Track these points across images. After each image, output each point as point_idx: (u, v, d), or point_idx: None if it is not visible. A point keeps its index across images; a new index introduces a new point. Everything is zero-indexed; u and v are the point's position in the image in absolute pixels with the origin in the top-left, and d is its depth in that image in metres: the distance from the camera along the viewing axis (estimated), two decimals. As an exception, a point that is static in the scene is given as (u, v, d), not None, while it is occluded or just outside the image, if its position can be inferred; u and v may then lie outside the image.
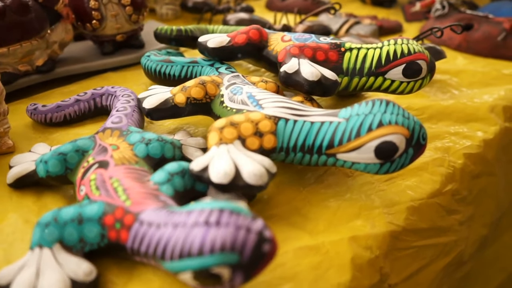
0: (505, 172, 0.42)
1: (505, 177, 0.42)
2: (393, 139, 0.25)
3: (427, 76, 0.36)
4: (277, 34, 0.41)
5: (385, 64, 0.35)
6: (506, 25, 0.57)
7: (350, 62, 0.36)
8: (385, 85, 0.36)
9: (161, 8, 0.71)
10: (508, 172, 0.43)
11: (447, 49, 0.59)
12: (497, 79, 0.50)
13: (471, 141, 0.38)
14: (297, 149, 0.28)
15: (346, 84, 0.37)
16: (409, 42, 0.36)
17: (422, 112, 0.41)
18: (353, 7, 0.79)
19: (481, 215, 0.39)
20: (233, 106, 0.32)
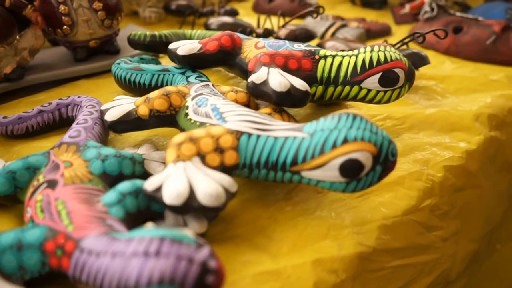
0: (494, 183, 0.41)
1: (494, 188, 0.41)
2: (358, 157, 0.24)
3: (405, 85, 0.34)
4: (251, 41, 0.40)
5: (360, 73, 0.34)
6: (496, 28, 0.55)
7: (324, 70, 0.35)
8: (361, 95, 0.35)
9: (144, 11, 0.70)
10: (497, 183, 0.42)
11: (435, 53, 0.58)
12: (484, 85, 0.48)
13: (452, 153, 0.36)
14: (261, 166, 0.27)
15: (321, 93, 0.36)
16: (386, 49, 0.34)
17: (403, 122, 0.40)
18: (343, 8, 0.77)
19: (469, 230, 0.38)
20: (197, 119, 0.31)
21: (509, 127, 0.44)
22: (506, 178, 0.43)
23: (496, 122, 0.42)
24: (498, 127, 0.42)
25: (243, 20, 0.59)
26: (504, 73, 0.51)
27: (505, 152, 0.43)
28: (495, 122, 0.42)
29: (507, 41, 0.55)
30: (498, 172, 0.42)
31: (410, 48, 0.46)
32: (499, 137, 0.42)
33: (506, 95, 0.46)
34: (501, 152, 0.42)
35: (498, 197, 0.42)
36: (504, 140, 0.42)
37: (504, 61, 0.54)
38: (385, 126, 0.39)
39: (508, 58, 0.54)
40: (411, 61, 0.44)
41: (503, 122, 0.43)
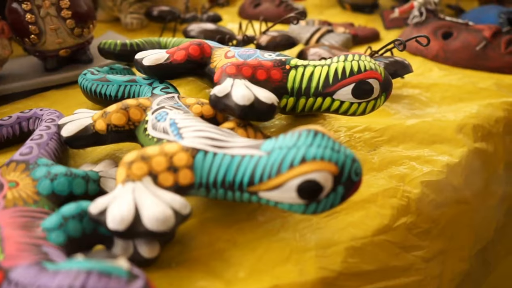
0: (483, 198, 0.40)
1: (483, 203, 0.40)
2: (316, 177, 0.23)
3: (380, 96, 0.33)
4: (222, 50, 0.39)
5: (332, 84, 0.33)
6: (486, 33, 0.54)
7: (295, 81, 0.34)
8: (335, 107, 0.34)
9: (125, 17, 0.69)
10: (487, 198, 0.40)
11: (423, 60, 0.57)
12: (471, 93, 0.47)
13: (432, 167, 0.35)
14: (218, 186, 0.26)
15: (292, 105, 0.35)
16: (361, 58, 0.33)
17: (381, 134, 0.39)
18: (332, 13, 0.77)
19: (458, 249, 0.36)
20: (155, 135, 0.29)
21: (497, 138, 0.42)
22: (497, 192, 0.41)
23: (482, 133, 0.41)
24: (484, 138, 0.41)
25: (225, 27, 0.59)
26: (493, 81, 0.50)
27: (493, 164, 0.41)
28: (481, 133, 0.41)
29: (497, 47, 0.54)
30: (487, 186, 0.40)
31: (393, 56, 0.45)
32: (485, 149, 0.40)
33: (494, 104, 0.45)
34: (489, 164, 0.40)
35: (490, 213, 0.41)
36: (492, 152, 0.41)
37: (494, 68, 0.53)
38: (363, 138, 0.38)
39: (498, 64, 0.53)
40: (394, 70, 0.43)
41: (490, 133, 0.42)
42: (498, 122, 0.43)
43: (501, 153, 0.43)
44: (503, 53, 0.53)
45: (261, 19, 0.57)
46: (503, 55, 0.53)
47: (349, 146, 0.37)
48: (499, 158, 0.42)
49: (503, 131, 0.44)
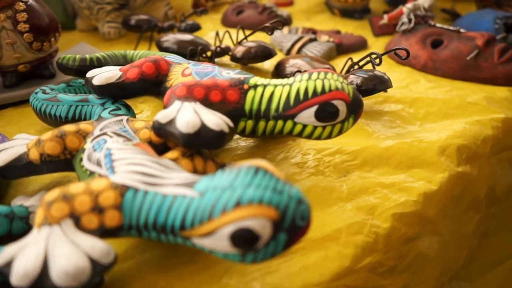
0: (458, 226, 0.36)
1: (457, 232, 0.36)
2: (252, 225, 0.20)
3: (348, 118, 0.30)
4: (181, 67, 0.36)
5: (294, 105, 0.30)
6: (479, 41, 0.51)
7: (253, 102, 0.31)
8: (297, 130, 0.31)
9: (103, 27, 0.67)
10: (462, 225, 0.37)
11: (411, 70, 0.54)
12: (459, 108, 0.44)
13: (407, 196, 0.32)
14: (149, 228, 0.23)
15: (251, 128, 0.32)
16: (327, 76, 0.30)
17: (354, 157, 0.35)
18: (320, 19, 0.73)
19: (421, 282, 0.33)
20: (88, 167, 0.27)
21: (483, 160, 0.39)
22: (474, 218, 0.38)
23: (467, 154, 0.38)
24: (469, 160, 0.38)
25: (201, 38, 0.56)
26: (484, 94, 0.46)
27: (475, 188, 0.38)
28: (466, 154, 0.38)
29: (490, 57, 0.50)
30: (464, 212, 0.37)
31: (373, 70, 0.42)
32: (469, 173, 0.37)
33: (482, 121, 0.42)
34: (470, 189, 0.37)
35: (463, 240, 0.38)
36: (475, 175, 0.38)
37: (486, 79, 0.50)
38: (334, 163, 0.35)
39: (490, 75, 0.49)
40: (372, 85, 0.40)
41: (476, 154, 0.38)
42: (485, 142, 0.40)
43: (485, 176, 0.39)
44: (496, 63, 0.50)
45: (238, 28, 0.54)
46: (496, 65, 0.50)
47: (317, 171, 0.34)
48: (482, 181, 0.39)
49: (490, 151, 0.40)
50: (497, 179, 0.42)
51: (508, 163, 0.43)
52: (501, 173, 0.42)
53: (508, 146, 0.43)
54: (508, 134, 0.43)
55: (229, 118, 0.30)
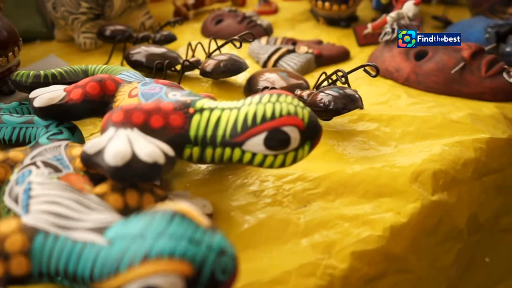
0: (434, 259, 0.33)
1: (433, 266, 0.33)
2: (159, 283, 0.18)
3: (302, 145, 0.27)
4: (129, 86, 0.34)
5: (241, 132, 0.27)
6: (465, 53, 0.48)
7: (199, 128, 0.28)
8: (246, 159, 0.28)
9: (78, 37, 0.65)
10: (439, 258, 0.34)
11: (393, 84, 0.51)
12: (440, 127, 0.41)
13: (370, 230, 0.29)
14: (61, 276, 0.21)
15: (198, 156, 0.29)
16: (279, 99, 0.28)
17: (317, 184, 0.33)
18: (306, 27, 0.71)
19: None
20: (7, 203, 0.24)
21: (463, 186, 0.36)
22: (454, 249, 0.35)
23: (445, 181, 0.35)
24: (446, 187, 0.35)
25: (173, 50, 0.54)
26: (469, 111, 0.43)
27: (454, 217, 0.35)
28: (443, 180, 0.35)
29: (477, 70, 0.47)
30: (441, 244, 0.34)
31: (344, 87, 0.39)
32: (445, 201, 0.34)
33: (464, 142, 0.39)
34: (448, 218, 0.34)
35: (440, 274, 0.35)
36: (454, 203, 0.35)
37: (472, 94, 0.47)
38: (294, 191, 0.32)
39: (477, 90, 0.47)
40: (343, 104, 0.37)
41: (455, 180, 0.36)
42: (466, 166, 0.37)
43: (466, 203, 0.36)
44: (484, 76, 0.47)
45: (210, 39, 0.52)
46: (483, 79, 0.47)
47: (274, 201, 0.31)
48: (463, 209, 0.36)
49: (472, 176, 0.37)
50: (480, 206, 0.39)
51: (493, 188, 0.40)
52: (486, 198, 0.39)
53: (493, 169, 0.40)
54: (492, 156, 0.40)
55: (173, 145, 0.28)
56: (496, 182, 0.41)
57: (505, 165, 0.41)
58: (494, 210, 0.41)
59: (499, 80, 0.46)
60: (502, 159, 0.41)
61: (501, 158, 0.41)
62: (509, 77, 0.46)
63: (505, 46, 0.55)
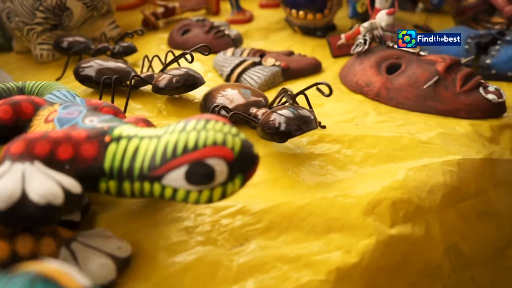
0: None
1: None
2: None
3: (232, 179, 0.24)
4: (49, 109, 0.31)
5: (160, 165, 0.24)
6: (439, 67, 0.45)
7: (115, 159, 0.25)
8: (168, 195, 0.25)
9: (35, 49, 0.62)
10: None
11: (363, 99, 0.48)
12: (406, 149, 0.38)
13: (312, 274, 0.26)
14: None
15: (116, 190, 0.26)
16: (206, 127, 0.24)
17: (259, 219, 0.29)
18: (280, 37, 0.68)
19: None
20: None
21: (431, 215, 0.33)
22: None
23: (407, 211, 0.32)
24: (409, 218, 0.31)
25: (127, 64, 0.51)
26: (440, 130, 0.40)
27: (424, 252, 0.32)
28: (405, 210, 0.32)
29: (452, 85, 0.44)
30: (413, 284, 0.31)
31: (298, 106, 0.36)
32: (409, 234, 0.31)
33: (432, 165, 0.36)
34: (416, 254, 0.31)
35: None
36: (421, 235, 0.32)
37: (445, 111, 0.44)
38: (232, 227, 0.29)
39: (451, 107, 0.43)
40: (296, 125, 0.34)
41: (420, 209, 0.32)
42: (433, 192, 0.34)
43: (439, 235, 0.33)
44: (458, 92, 0.44)
45: (167, 52, 0.49)
46: (458, 94, 0.43)
47: (208, 239, 0.28)
48: (436, 242, 0.33)
49: (442, 203, 0.34)
50: (462, 236, 0.35)
51: (476, 215, 0.37)
52: (467, 228, 0.36)
53: (470, 194, 0.37)
54: (467, 179, 0.37)
55: (85, 179, 0.25)
56: (478, 208, 0.37)
57: (485, 188, 0.38)
58: (487, 241, 0.37)
59: (475, 96, 0.43)
60: (480, 182, 0.38)
61: (479, 181, 0.38)
62: (485, 92, 0.43)
63: (486, 58, 0.52)
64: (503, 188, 0.39)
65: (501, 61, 0.52)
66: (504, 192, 0.39)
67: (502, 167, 0.39)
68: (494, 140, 0.41)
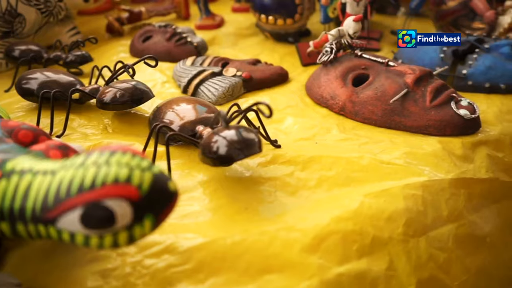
0: None
1: None
2: None
3: (140, 221, 0.21)
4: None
5: (53, 206, 0.21)
6: (408, 79, 0.42)
7: (5, 198, 0.22)
8: (66, 239, 0.22)
9: (-15, 57, 0.59)
10: None
11: (327, 113, 0.45)
12: (367, 170, 0.35)
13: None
14: None
15: (10, 232, 0.23)
16: (110, 161, 0.21)
17: (187, 258, 0.26)
18: (251, 43, 0.65)
19: None
20: None
21: (394, 247, 0.30)
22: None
23: (361, 244, 0.29)
24: (366, 252, 0.28)
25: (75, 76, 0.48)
26: (406, 149, 0.37)
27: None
28: (358, 244, 0.29)
29: (421, 99, 0.41)
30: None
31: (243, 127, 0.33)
32: (365, 271, 0.28)
33: (392, 189, 0.32)
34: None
35: None
36: (382, 270, 0.29)
37: (414, 127, 0.41)
38: (155, 268, 0.26)
39: (420, 123, 0.40)
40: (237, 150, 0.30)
41: (378, 241, 0.29)
42: (393, 220, 0.31)
43: (407, 269, 0.30)
44: (428, 107, 0.41)
45: (115, 63, 0.45)
46: (428, 109, 0.41)
47: (126, 285, 0.25)
48: (404, 277, 0.30)
49: (405, 232, 0.31)
50: (440, 266, 0.32)
51: (457, 243, 0.33)
52: (447, 257, 0.32)
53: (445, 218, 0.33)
54: (435, 203, 0.34)
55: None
56: (458, 233, 0.34)
57: (463, 211, 0.35)
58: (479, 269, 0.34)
59: (446, 111, 0.40)
60: (455, 204, 0.35)
61: (453, 204, 0.34)
62: (457, 107, 0.40)
63: (462, 68, 0.50)
64: (486, 208, 0.36)
65: (479, 71, 0.49)
66: (488, 213, 0.36)
67: (481, 187, 0.36)
68: (467, 158, 0.38)
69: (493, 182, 0.37)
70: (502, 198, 0.38)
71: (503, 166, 0.39)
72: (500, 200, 0.38)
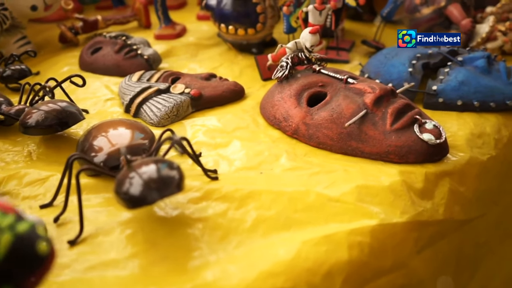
0: None
1: None
2: None
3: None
4: None
5: None
6: (367, 98, 0.38)
7: None
8: None
9: None
10: None
11: (281, 137, 0.41)
12: (310, 211, 0.31)
13: None
14: None
15: None
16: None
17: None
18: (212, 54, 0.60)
19: None
20: None
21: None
22: None
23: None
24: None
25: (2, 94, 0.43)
26: (359, 182, 0.33)
27: None
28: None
29: (381, 121, 0.37)
30: None
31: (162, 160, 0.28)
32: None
33: (336, 235, 0.28)
34: None
35: None
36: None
37: (373, 154, 0.37)
38: None
39: (379, 149, 0.36)
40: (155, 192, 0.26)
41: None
42: (331, 276, 0.27)
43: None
44: (389, 130, 0.37)
45: (46, 81, 0.41)
46: (389, 133, 0.36)
47: None
48: None
49: (346, 285, 0.27)
50: None
51: None
52: None
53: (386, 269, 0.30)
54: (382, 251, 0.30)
55: None
56: (395, 284, 0.30)
57: (406, 259, 0.31)
58: None
59: (408, 136, 0.36)
60: (400, 251, 0.31)
61: (398, 251, 0.30)
62: (421, 131, 0.36)
63: (433, 83, 0.46)
64: (428, 252, 0.32)
65: (450, 87, 0.45)
66: (428, 257, 0.32)
67: (431, 230, 0.32)
68: (426, 194, 0.34)
69: (446, 223, 0.33)
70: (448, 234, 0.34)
71: (462, 201, 0.35)
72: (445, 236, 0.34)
